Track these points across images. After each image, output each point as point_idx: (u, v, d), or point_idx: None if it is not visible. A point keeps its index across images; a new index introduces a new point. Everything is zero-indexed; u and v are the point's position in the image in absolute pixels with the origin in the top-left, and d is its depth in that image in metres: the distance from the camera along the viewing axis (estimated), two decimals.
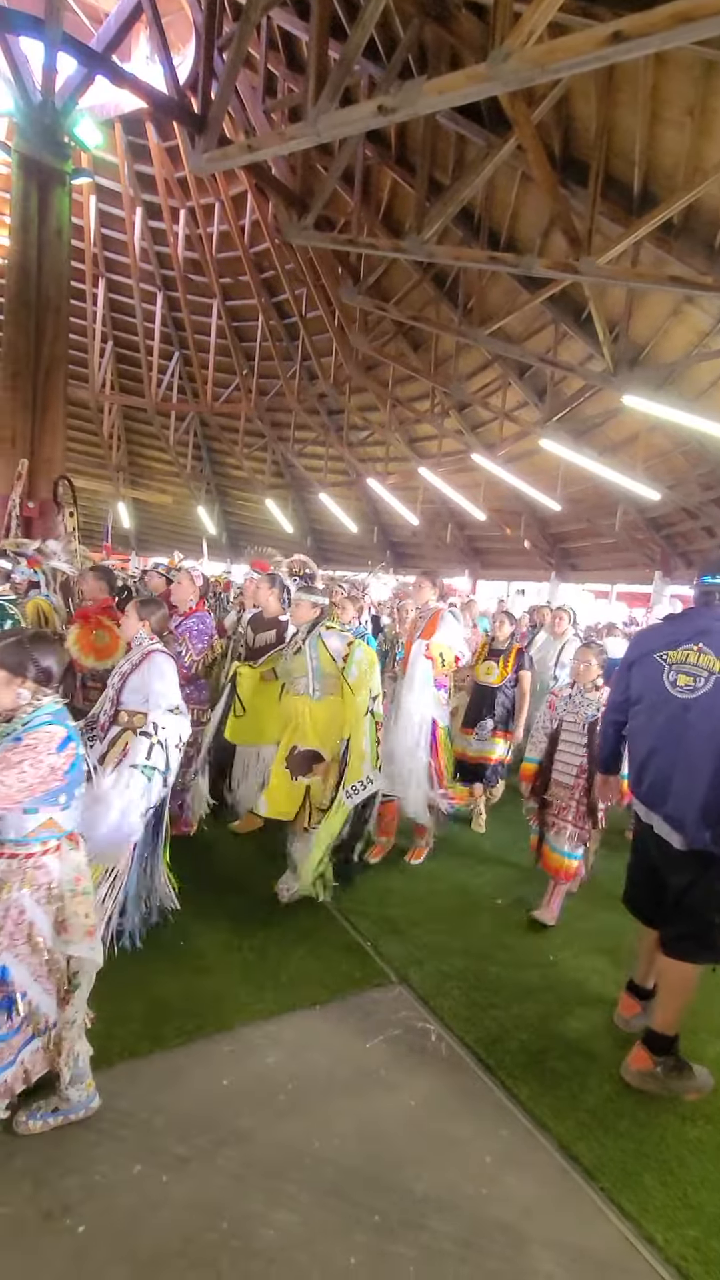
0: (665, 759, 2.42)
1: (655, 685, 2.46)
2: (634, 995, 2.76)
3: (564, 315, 9.42)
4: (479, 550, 17.21)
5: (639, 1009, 2.73)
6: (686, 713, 2.36)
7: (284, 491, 18.27)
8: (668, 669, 2.43)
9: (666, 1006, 2.43)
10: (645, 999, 2.73)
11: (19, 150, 8.00)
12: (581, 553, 15.28)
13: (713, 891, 2.36)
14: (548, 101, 6.45)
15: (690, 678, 2.37)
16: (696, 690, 2.35)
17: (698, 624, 2.45)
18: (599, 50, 3.95)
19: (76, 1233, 1.72)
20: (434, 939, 3.25)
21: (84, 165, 10.34)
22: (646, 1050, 2.41)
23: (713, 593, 2.48)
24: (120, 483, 18.38)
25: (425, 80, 4.71)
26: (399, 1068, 2.39)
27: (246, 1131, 2.06)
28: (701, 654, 2.36)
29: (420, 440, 14.87)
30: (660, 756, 2.44)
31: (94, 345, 15.54)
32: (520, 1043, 2.57)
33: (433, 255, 7.36)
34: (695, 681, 2.36)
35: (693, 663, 2.38)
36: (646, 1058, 2.40)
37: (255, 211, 12.35)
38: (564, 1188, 1.99)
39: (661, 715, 2.44)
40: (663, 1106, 2.33)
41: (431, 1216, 1.85)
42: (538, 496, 12.63)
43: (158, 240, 14.21)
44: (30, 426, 8.00)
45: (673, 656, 2.43)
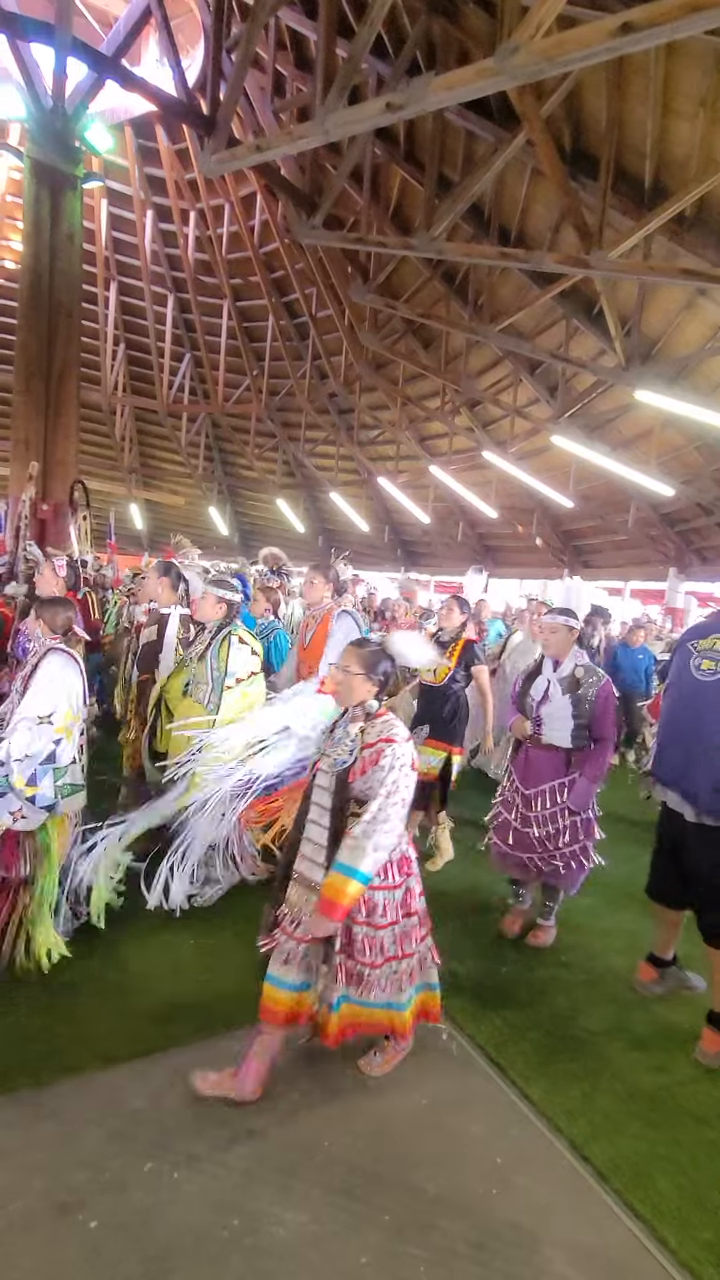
0: (683, 736, 2.62)
1: (684, 670, 2.66)
2: (652, 964, 2.94)
3: (575, 310, 9.35)
4: (491, 549, 17.13)
5: (655, 975, 2.91)
6: (705, 694, 2.54)
7: (295, 491, 18.31)
8: (695, 655, 2.63)
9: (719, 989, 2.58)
10: (662, 967, 2.91)
11: (31, 156, 8.09)
12: (594, 550, 15.16)
13: None
14: (557, 95, 6.40)
15: (713, 662, 2.56)
16: (717, 674, 2.54)
17: None
18: (608, 42, 3.92)
19: (89, 1227, 1.74)
20: (445, 938, 3.22)
21: (95, 169, 10.44)
22: (715, 1030, 2.56)
23: None
24: (132, 484, 18.51)
25: (433, 76, 4.70)
26: (410, 1067, 2.38)
27: (257, 1130, 2.06)
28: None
29: (431, 438, 14.83)
30: (680, 734, 2.64)
31: (106, 348, 15.66)
32: (532, 1043, 2.55)
33: (442, 252, 7.33)
34: (717, 666, 2.55)
35: (717, 649, 2.58)
36: (717, 1038, 2.54)
37: (265, 211, 12.38)
38: (576, 1189, 1.97)
39: (685, 697, 2.64)
40: (677, 1109, 2.30)
41: (442, 1216, 1.85)
42: (549, 494, 12.55)
43: (168, 242, 14.29)
44: (43, 429, 8.09)
45: (702, 644, 2.63)
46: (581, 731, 3.09)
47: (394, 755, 2.09)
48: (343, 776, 2.13)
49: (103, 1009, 2.53)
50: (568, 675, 3.11)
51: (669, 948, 2.90)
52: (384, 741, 2.12)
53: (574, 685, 3.08)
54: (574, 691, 3.06)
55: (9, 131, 11.67)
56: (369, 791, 2.09)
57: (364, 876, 2.02)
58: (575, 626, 3.18)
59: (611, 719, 3.10)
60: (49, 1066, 2.22)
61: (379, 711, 2.20)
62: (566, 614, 3.20)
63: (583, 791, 3.08)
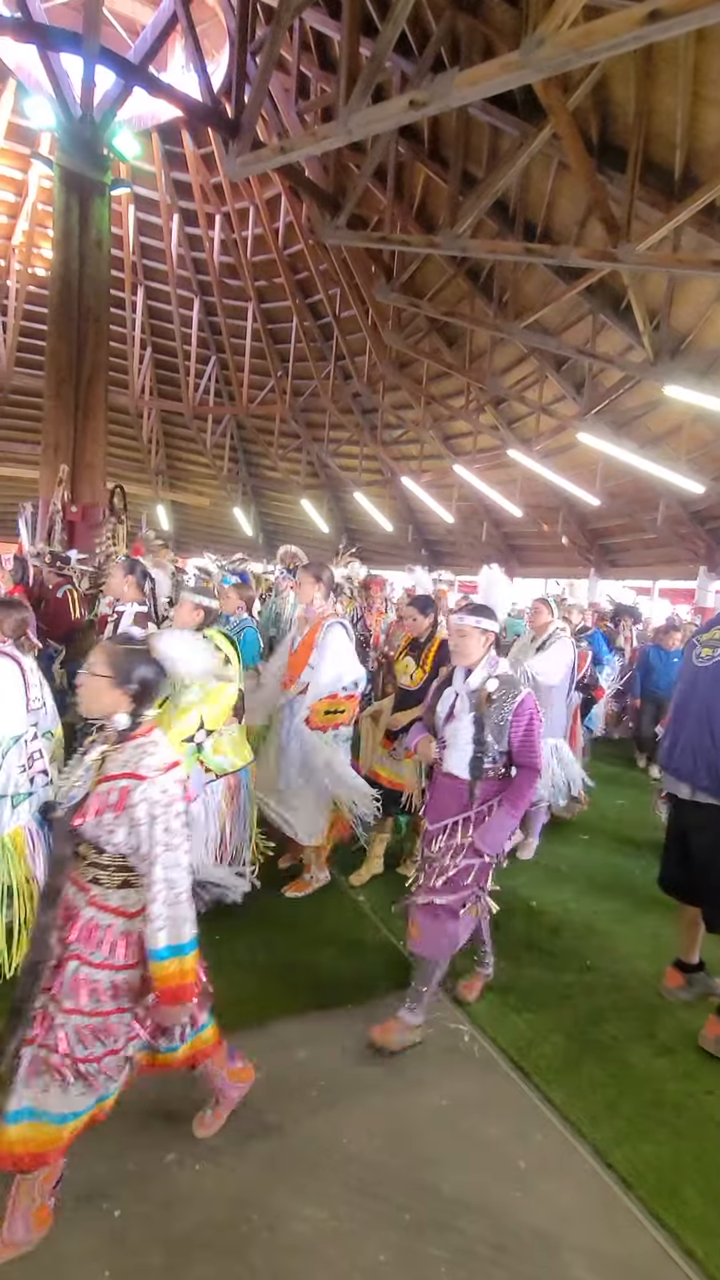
0: (683, 719, 2.74)
1: (689, 661, 2.82)
2: (679, 969, 2.92)
3: (602, 305, 9.20)
4: (516, 548, 16.97)
5: (683, 981, 2.88)
6: (702, 678, 2.69)
7: (319, 492, 18.36)
8: (699, 647, 2.77)
9: None
10: (689, 972, 2.88)
11: (60, 164, 8.24)
12: (622, 548, 14.91)
13: None
14: (584, 86, 6.31)
15: (710, 649, 2.71)
16: (714, 659, 2.67)
17: None
18: (636, 30, 3.85)
19: (113, 1216, 1.77)
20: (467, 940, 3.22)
21: (122, 176, 10.60)
22: (679, 970, 2.68)
23: None
24: (159, 486, 18.76)
25: (457, 72, 4.67)
26: (431, 1068, 2.38)
27: (277, 1125, 2.08)
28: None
29: (455, 437, 14.74)
30: (680, 718, 2.76)
31: (133, 352, 15.89)
32: (555, 1047, 2.52)
33: (466, 249, 7.29)
34: (714, 652, 2.68)
35: (716, 639, 2.72)
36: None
37: (289, 213, 12.45)
38: (599, 1195, 1.95)
39: (687, 685, 2.78)
40: (704, 1117, 2.25)
41: (462, 1217, 1.83)
42: (576, 492, 12.38)
43: (194, 246, 14.46)
44: (73, 433, 8.25)
45: (704, 637, 2.79)
46: (483, 760, 2.45)
47: (148, 801, 1.62)
48: (68, 818, 1.66)
49: None
50: (477, 689, 2.49)
51: (693, 951, 2.87)
52: (129, 777, 1.63)
53: (484, 702, 2.46)
54: (482, 709, 2.45)
55: (40, 141, 11.92)
56: (113, 840, 1.63)
57: (192, 945, 1.69)
58: (490, 629, 2.55)
59: (535, 743, 2.46)
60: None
61: (137, 732, 1.71)
62: (480, 613, 2.56)
63: (495, 828, 2.43)
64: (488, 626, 2.54)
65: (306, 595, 3.54)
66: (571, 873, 4.10)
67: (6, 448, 16.25)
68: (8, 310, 14.59)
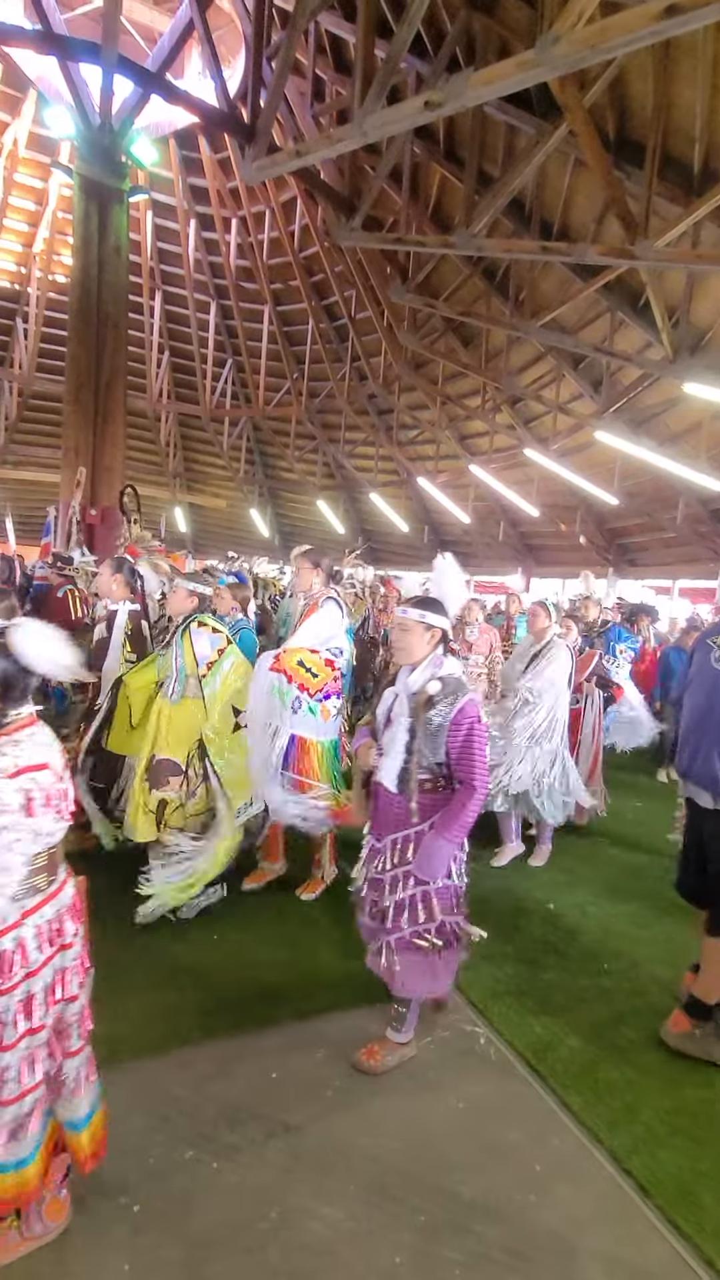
0: (700, 725, 2.66)
1: (704, 664, 2.72)
2: (697, 974, 2.86)
3: (620, 303, 9.11)
4: (533, 547, 16.86)
5: None
6: (716, 681, 2.61)
7: (335, 493, 18.41)
8: (715, 649, 2.69)
9: (706, 976, 2.59)
10: None
11: (80, 172, 8.36)
12: (640, 548, 14.76)
13: None
14: (600, 83, 6.26)
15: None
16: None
17: None
18: (654, 25, 3.82)
19: (133, 1211, 1.79)
20: (484, 942, 3.20)
21: (140, 183, 10.72)
22: (686, 1014, 2.55)
23: None
24: (176, 488, 18.94)
25: (472, 72, 4.66)
26: (447, 1070, 2.38)
27: (295, 1125, 2.09)
28: None
29: (471, 437, 14.69)
30: (697, 723, 2.68)
31: (151, 356, 16.06)
32: (572, 1051, 2.51)
33: (482, 249, 7.27)
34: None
35: None
36: (685, 1021, 2.54)
37: (304, 216, 12.50)
38: (617, 1202, 1.93)
39: (703, 689, 2.69)
40: None
41: (479, 1221, 1.83)
42: (594, 491, 12.27)
43: (210, 250, 14.58)
44: (92, 437, 8.36)
45: (718, 639, 2.72)
46: (411, 770, 2.21)
47: None
48: None
49: (147, 1000, 2.60)
50: (416, 691, 2.23)
51: None
52: None
53: (421, 705, 2.20)
54: (419, 714, 2.20)
55: (59, 150, 12.10)
56: None
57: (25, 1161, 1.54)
58: (436, 625, 2.29)
59: (476, 755, 2.18)
60: (96, 1054, 2.29)
61: (7, 729, 1.53)
62: (426, 607, 2.31)
63: (429, 853, 2.19)
64: (433, 622, 2.29)
65: (305, 581, 3.54)
66: (589, 875, 4.07)
67: (28, 452, 16.53)
68: (29, 317, 14.83)
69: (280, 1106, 2.15)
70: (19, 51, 10.69)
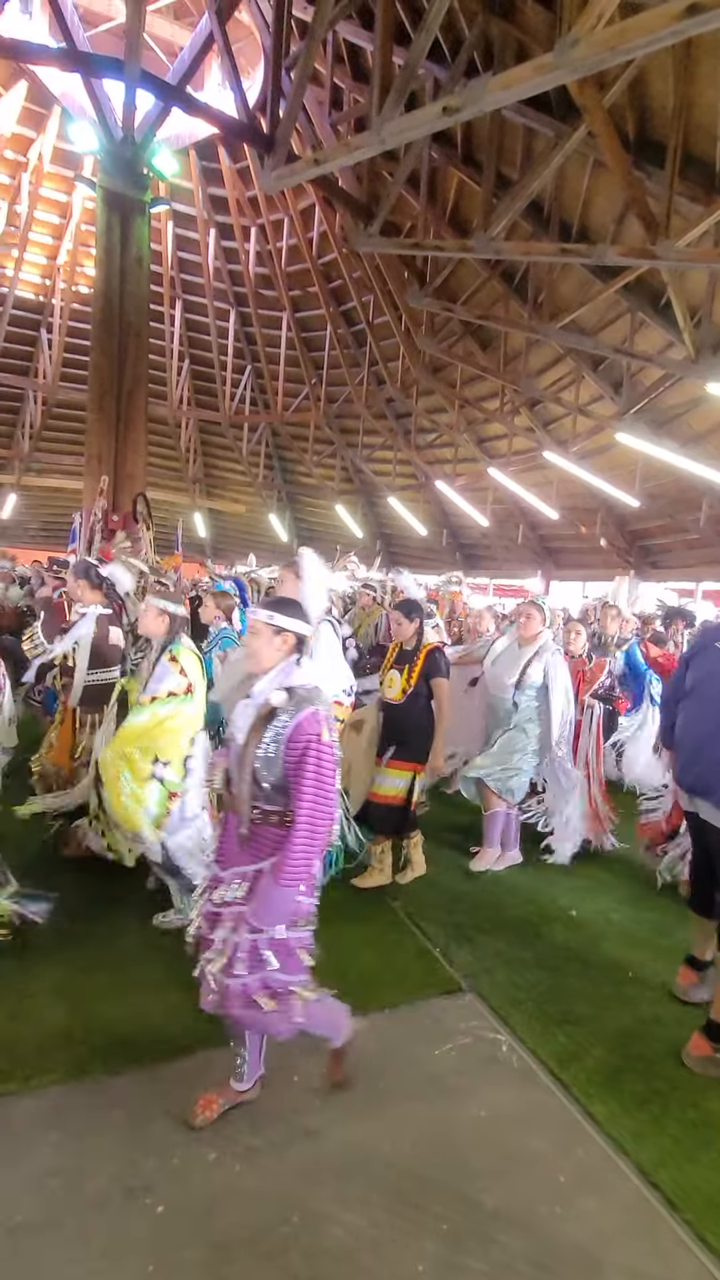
0: (706, 738, 2.54)
1: (710, 672, 2.60)
2: (691, 966, 2.87)
3: (641, 303, 9.02)
4: (552, 550, 16.72)
5: (696, 979, 2.84)
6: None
7: (353, 497, 18.45)
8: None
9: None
10: (702, 969, 2.85)
11: (103, 185, 8.51)
12: (663, 550, 14.55)
13: None
14: (620, 83, 6.22)
15: None
16: None
17: None
18: (674, 25, 3.79)
19: (156, 1211, 1.80)
20: (505, 948, 3.19)
21: (161, 194, 10.88)
22: (705, 1038, 2.47)
23: None
24: (196, 494, 19.14)
25: (490, 77, 4.67)
26: (469, 1077, 2.36)
27: (315, 1129, 2.09)
28: None
29: (489, 440, 14.64)
30: (703, 737, 2.56)
31: (172, 364, 16.28)
32: (597, 1060, 2.47)
33: (501, 252, 7.26)
34: None
35: None
36: (706, 1045, 2.46)
37: (323, 223, 12.59)
38: (644, 1215, 1.90)
39: (709, 698, 2.58)
40: None
41: (503, 1231, 1.81)
42: (615, 493, 12.14)
43: (230, 259, 14.75)
44: (114, 444, 8.47)
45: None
46: (243, 795, 1.93)
47: None
48: None
49: (170, 1002, 2.62)
50: (263, 702, 1.95)
51: (707, 949, 2.85)
52: None
53: (263, 719, 1.92)
54: (258, 730, 1.91)
55: (83, 164, 12.34)
56: None
57: None
58: (291, 629, 2.01)
59: (309, 782, 1.85)
60: (120, 1055, 2.32)
61: None
62: (280, 608, 2.03)
63: (264, 900, 1.89)
64: (285, 625, 1.99)
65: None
66: (612, 882, 4.02)
67: (53, 459, 16.84)
68: (53, 328, 15.13)
69: (301, 1110, 2.15)
70: (44, 69, 10.93)
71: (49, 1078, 2.21)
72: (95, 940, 2.99)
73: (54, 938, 2.93)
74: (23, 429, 16.62)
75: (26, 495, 17.74)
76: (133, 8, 7.11)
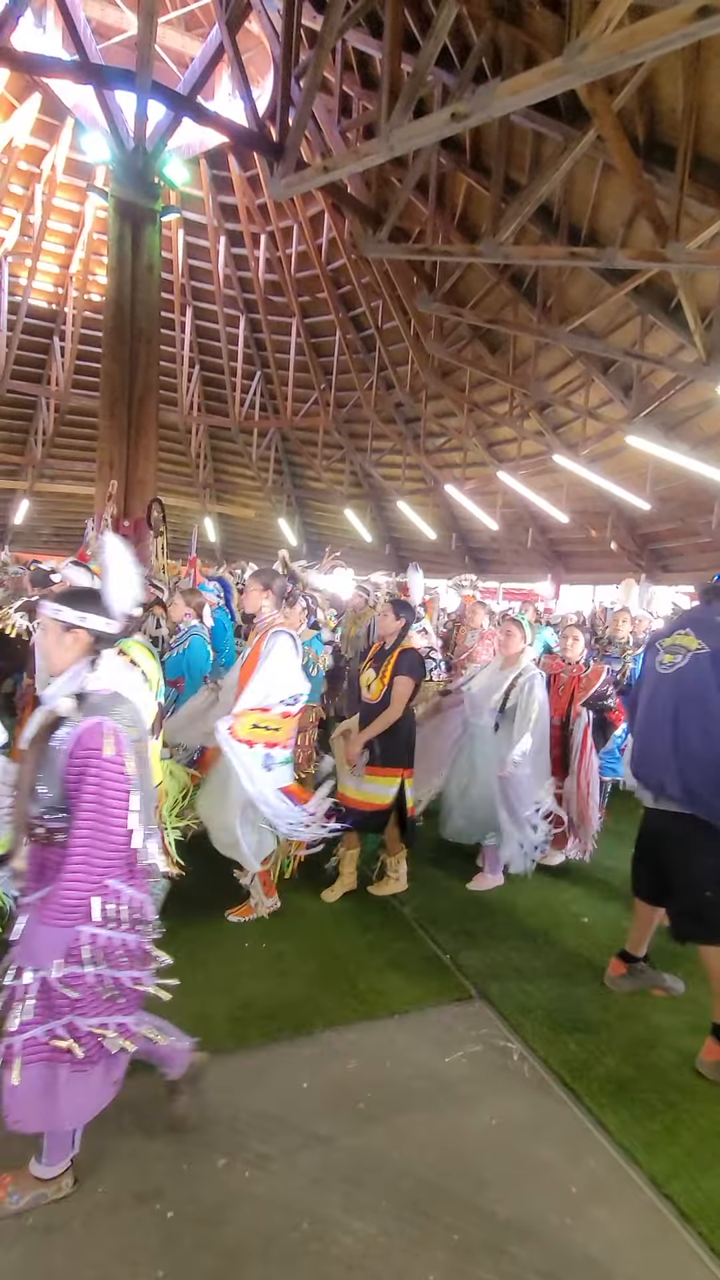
0: (647, 728, 2.69)
1: (650, 667, 2.76)
2: (622, 959, 2.98)
3: (651, 306, 8.99)
4: (562, 554, 16.66)
5: (624, 970, 2.96)
6: (665, 685, 2.63)
7: (362, 501, 18.48)
8: (660, 652, 2.72)
9: (717, 995, 2.53)
10: (632, 963, 2.96)
11: (114, 195, 8.60)
12: (674, 553, 14.45)
13: (702, 865, 2.52)
14: (629, 87, 6.20)
15: (673, 655, 2.65)
16: (675, 665, 2.63)
17: (694, 614, 2.81)
18: (685, 28, 3.78)
19: (166, 1217, 1.81)
20: (516, 955, 3.17)
21: (172, 202, 10.97)
22: (717, 1041, 2.48)
23: (714, 589, 2.81)
24: (206, 499, 19.23)
25: (499, 83, 4.67)
26: (479, 1085, 2.34)
27: (326, 1136, 2.08)
28: (685, 636, 2.66)
29: (499, 444, 14.62)
30: (644, 727, 2.71)
31: (182, 370, 16.39)
32: (609, 1069, 2.45)
33: (509, 257, 7.25)
34: (676, 658, 2.63)
35: (678, 644, 2.66)
36: (717, 1049, 2.47)
37: (332, 229, 12.65)
38: (656, 1227, 1.88)
39: (649, 692, 2.72)
40: None
41: (513, 1242, 1.80)
42: (625, 496, 12.08)
43: (240, 266, 14.86)
44: (125, 450, 8.55)
45: (667, 642, 2.73)
46: (20, 811, 1.71)
47: None
48: None
49: (179, 1005, 2.62)
50: (50, 711, 1.74)
51: (641, 945, 2.96)
52: None
53: (48, 728, 1.71)
54: (42, 740, 1.71)
55: (95, 174, 12.48)
56: None
57: None
58: (82, 625, 1.78)
59: (88, 803, 1.64)
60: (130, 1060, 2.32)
61: None
62: (72, 601, 1.81)
63: (28, 933, 1.67)
64: (74, 620, 1.76)
65: (253, 603, 3.23)
66: (623, 887, 3.97)
67: (65, 465, 17.00)
68: (65, 335, 15.29)
69: (311, 1117, 2.14)
70: (57, 81, 11.08)
71: None
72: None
73: None
74: (35, 435, 16.78)
75: (39, 501, 17.90)
76: (144, 20, 7.20)
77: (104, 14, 12.11)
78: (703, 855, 2.53)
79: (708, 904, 2.50)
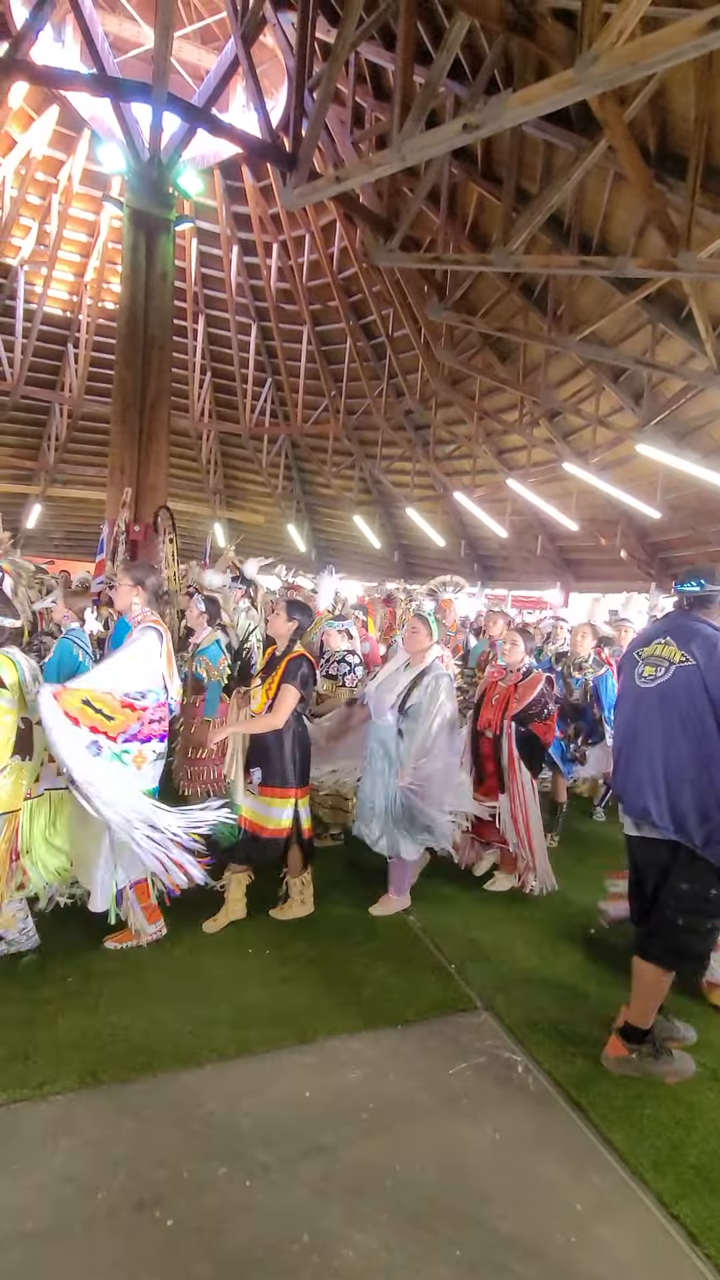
0: (629, 748, 2.55)
1: (629, 680, 2.61)
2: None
3: (662, 314, 8.98)
4: (571, 562, 16.60)
5: None
6: (647, 700, 2.48)
7: (371, 508, 18.51)
8: (640, 664, 2.57)
9: (637, 1001, 2.49)
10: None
11: (129, 205, 8.71)
12: (685, 562, 14.34)
13: (678, 890, 2.39)
14: (641, 97, 6.22)
15: (653, 668, 2.50)
16: (657, 679, 2.47)
17: (672, 622, 2.62)
18: (697, 39, 3.78)
19: (166, 1225, 1.79)
20: (522, 966, 3.14)
21: (186, 212, 11.11)
22: (622, 1040, 2.49)
23: (684, 598, 2.63)
24: (217, 505, 19.34)
25: (510, 94, 4.70)
26: (483, 1098, 2.31)
27: (328, 1146, 2.06)
28: (666, 646, 2.50)
29: (508, 451, 14.62)
30: (626, 747, 2.58)
31: (194, 377, 16.53)
32: (616, 1085, 2.41)
33: (520, 265, 7.27)
34: (657, 671, 2.48)
35: (658, 655, 2.51)
36: (622, 1046, 2.49)
37: (343, 238, 12.75)
38: (664, 1248, 1.84)
39: (631, 706, 2.58)
40: None
41: (517, 1260, 1.77)
42: (635, 504, 12.04)
43: (252, 274, 15.00)
44: (137, 456, 8.62)
45: (645, 651, 2.58)
46: None
47: None
48: None
49: (182, 1011, 2.62)
50: None
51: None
52: None
53: None
54: None
55: (111, 184, 12.65)
56: None
57: None
58: None
59: None
60: (132, 1063, 2.32)
61: None
62: None
63: None
64: None
65: (124, 601, 3.12)
66: None
67: (77, 471, 17.17)
68: (79, 343, 15.47)
69: (313, 1127, 2.12)
70: (75, 94, 11.26)
71: (61, 1085, 2.21)
72: (108, 948, 3.00)
73: (66, 946, 2.95)
74: (49, 441, 16.96)
75: (51, 505, 18.07)
76: (160, 34, 7.31)
77: (121, 28, 12.33)
78: (679, 880, 2.38)
79: (678, 929, 2.38)
